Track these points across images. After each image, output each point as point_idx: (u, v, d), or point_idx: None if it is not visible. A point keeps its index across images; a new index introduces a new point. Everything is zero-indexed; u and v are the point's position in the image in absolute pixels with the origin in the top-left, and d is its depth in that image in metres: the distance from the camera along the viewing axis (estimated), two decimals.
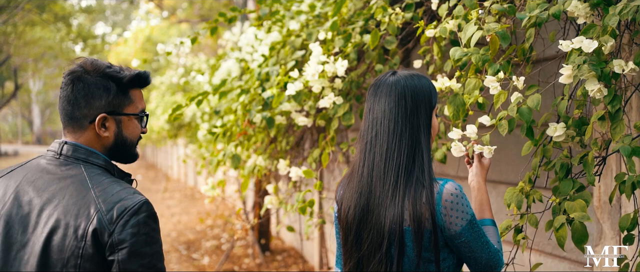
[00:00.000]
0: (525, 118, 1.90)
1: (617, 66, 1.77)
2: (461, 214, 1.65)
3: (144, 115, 1.82)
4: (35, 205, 1.64)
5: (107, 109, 1.73)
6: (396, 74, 1.77)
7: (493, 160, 3.38)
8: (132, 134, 1.79)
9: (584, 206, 1.76)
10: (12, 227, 1.64)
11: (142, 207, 1.61)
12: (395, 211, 1.66)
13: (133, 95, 1.78)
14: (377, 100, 1.75)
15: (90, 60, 1.75)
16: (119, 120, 1.76)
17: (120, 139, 1.77)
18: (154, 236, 1.63)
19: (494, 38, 2.04)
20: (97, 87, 1.72)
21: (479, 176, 1.91)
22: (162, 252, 1.65)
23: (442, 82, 2.22)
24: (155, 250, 1.62)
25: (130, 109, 1.78)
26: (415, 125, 1.71)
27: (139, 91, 1.81)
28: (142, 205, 1.62)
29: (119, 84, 1.74)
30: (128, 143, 1.79)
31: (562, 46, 1.85)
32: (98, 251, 1.58)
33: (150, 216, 1.62)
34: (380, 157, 1.71)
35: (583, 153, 1.88)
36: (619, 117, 1.79)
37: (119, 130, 1.76)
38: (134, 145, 1.82)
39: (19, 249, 1.63)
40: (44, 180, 1.68)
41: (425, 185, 1.66)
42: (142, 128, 1.83)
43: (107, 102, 1.73)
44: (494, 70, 2.03)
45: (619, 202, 2.25)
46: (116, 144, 1.77)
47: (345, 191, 1.81)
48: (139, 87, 1.81)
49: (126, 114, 1.76)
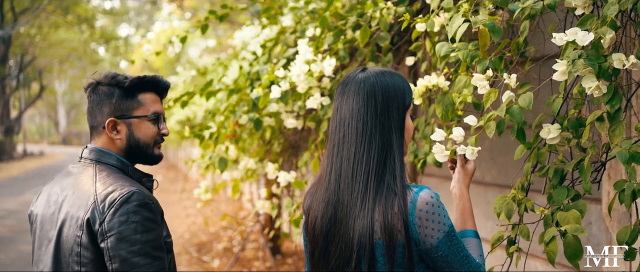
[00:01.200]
0: (516, 119, 1.72)
1: (617, 61, 1.58)
2: (438, 225, 1.48)
3: (155, 116, 1.91)
4: (58, 203, 1.82)
5: (116, 113, 1.87)
6: (366, 71, 1.61)
7: (494, 163, 3.19)
8: (145, 136, 1.90)
9: (579, 217, 1.58)
10: (44, 226, 1.84)
11: (133, 196, 1.71)
12: (364, 222, 1.50)
13: (143, 98, 1.90)
14: (344, 99, 1.59)
15: (105, 72, 1.93)
16: (130, 123, 1.88)
17: (133, 141, 1.89)
18: (146, 225, 1.71)
19: (483, 31, 1.86)
20: (105, 95, 1.88)
21: (461, 182, 1.73)
22: (161, 242, 1.73)
23: (429, 80, 2.04)
24: (148, 238, 1.69)
25: (140, 111, 1.89)
26: (386, 126, 1.54)
27: (151, 95, 1.93)
28: (133, 194, 1.72)
29: (123, 89, 1.88)
30: (141, 144, 1.89)
31: (555, 39, 1.67)
32: (92, 239, 1.71)
33: (142, 205, 1.71)
34: (348, 161, 1.55)
35: (579, 158, 1.69)
36: (619, 117, 1.60)
37: (130, 132, 1.88)
38: (149, 146, 1.91)
39: (46, 244, 1.81)
40: (66, 180, 1.87)
41: (398, 193, 1.49)
42: (161, 130, 1.93)
43: (115, 107, 1.87)
44: (482, 67, 1.85)
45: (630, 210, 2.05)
46: (130, 146, 1.89)
47: (312, 199, 1.65)
48: (150, 90, 1.92)
49: (135, 116, 1.88)
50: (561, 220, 1.59)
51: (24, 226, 10.33)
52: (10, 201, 13.85)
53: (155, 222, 1.74)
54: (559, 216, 1.60)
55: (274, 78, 2.67)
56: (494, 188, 3.34)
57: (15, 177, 20.48)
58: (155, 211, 1.76)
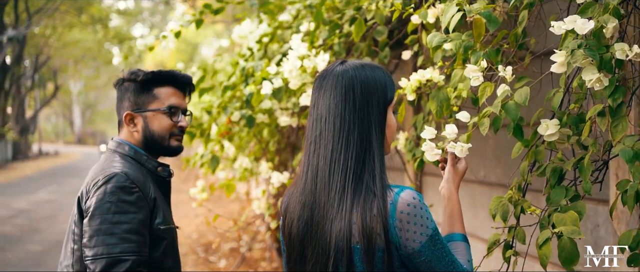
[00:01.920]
0: (511, 116, 1.60)
1: (620, 51, 1.47)
2: (420, 228, 1.37)
3: (169, 109, 1.98)
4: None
5: (132, 107, 1.99)
6: (345, 64, 1.51)
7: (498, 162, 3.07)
8: (160, 128, 1.98)
9: (577, 219, 1.46)
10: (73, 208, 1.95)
11: (113, 178, 1.80)
12: (341, 224, 1.40)
13: (158, 92, 2.00)
14: (322, 94, 1.49)
15: (129, 69, 2.05)
16: (145, 116, 1.98)
17: (148, 133, 1.98)
18: (121, 206, 1.77)
19: (478, 21, 1.74)
20: (126, 90, 2.01)
21: (450, 182, 1.62)
22: (136, 226, 1.77)
23: (422, 74, 1.94)
24: (119, 219, 1.76)
25: (155, 105, 1.99)
26: (365, 122, 1.44)
27: (168, 88, 2.01)
28: (114, 176, 1.81)
29: (137, 84, 1.99)
30: (156, 137, 1.98)
31: (553, 28, 1.56)
32: (80, 216, 1.87)
33: (120, 187, 1.79)
34: (325, 160, 1.44)
35: (580, 156, 1.58)
36: (622, 112, 1.48)
37: (145, 125, 1.98)
38: (164, 138, 2.00)
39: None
40: (92, 168, 1.99)
41: (377, 193, 1.39)
42: (177, 123, 2.01)
43: (132, 101, 1.99)
44: (476, 59, 1.74)
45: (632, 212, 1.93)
46: (145, 138, 1.99)
47: (289, 201, 1.55)
48: (167, 84, 2.01)
49: (150, 109, 1.98)
50: (557, 222, 1.47)
51: (34, 225, 10.35)
52: (22, 200, 13.90)
53: (133, 205, 1.80)
54: (555, 218, 1.49)
55: (266, 74, 2.57)
56: (498, 188, 3.21)
57: (28, 177, 20.61)
58: (138, 196, 1.82)
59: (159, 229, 1.89)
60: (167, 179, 2.04)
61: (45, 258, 7.70)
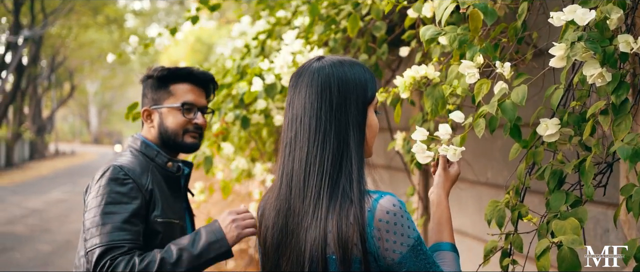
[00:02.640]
0: (508, 116, 1.49)
1: (624, 43, 1.35)
2: (401, 237, 1.26)
3: (183, 106, 1.97)
4: None
5: (150, 104, 2.02)
6: (322, 60, 1.41)
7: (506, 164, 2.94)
8: (173, 125, 1.98)
9: (577, 227, 1.34)
10: None
11: (108, 171, 1.82)
12: (316, 233, 1.29)
13: (174, 89, 2.00)
14: (297, 93, 1.39)
15: (153, 66, 2.06)
16: (160, 112, 1.99)
17: (163, 129, 1.99)
18: (113, 197, 1.78)
19: (474, 13, 1.63)
20: (145, 87, 2.05)
21: (440, 188, 1.51)
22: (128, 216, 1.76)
23: (416, 70, 1.83)
24: (112, 211, 1.75)
25: (170, 101, 1.99)
26: (342, 122, 1.34)
27: (185, 85, 2.01)
28: (108, 169, 1.83)
29: (155, 80, 2.01)
30: (170, 133, 1.98)
31: (552, 19, 1.44)
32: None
33: (113, 178, 1.81)
34: (300, 163, 1.34)
35: (582, 157, 1.46)
36: (625, 110, 1.36)
37: (160, 121, 1.99)
38: (178, 135, 1.99)
39: None
40: None
41: (354, 199, 1.28)
42: (192, 120, 1.99)
43: (149, 98, 2.02)
44: (472, 53, 1.63)
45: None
46: (160, 134, 2.00)
47: (265, 207, 1.45)
48: (184, 81, 2.01)
49: (165, 106, 1.99)
50: (557, 230, 1.35)
51: (45, 225, 10.36)
52: (35, 200, 13.96)
53: (126, 196, 1.80)
54: (554, 225, 1.37)
55: (258, 70, 2.48)
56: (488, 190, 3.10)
57: (44, 177, 20.74)
58: (131, 186, 1.81)
59: (155, 222, 1.87)
60: (176, 175, 2.02)
61: (54, 258, 7.67)
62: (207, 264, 1.75)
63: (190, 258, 1.71)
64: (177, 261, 1.70)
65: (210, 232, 1.76)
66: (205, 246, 1.73)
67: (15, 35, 19.69)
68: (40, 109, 29.85)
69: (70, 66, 31.53)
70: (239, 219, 1.79)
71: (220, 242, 1.74)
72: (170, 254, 1.71)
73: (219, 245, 1.73)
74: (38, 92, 28.71)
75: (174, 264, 1.69)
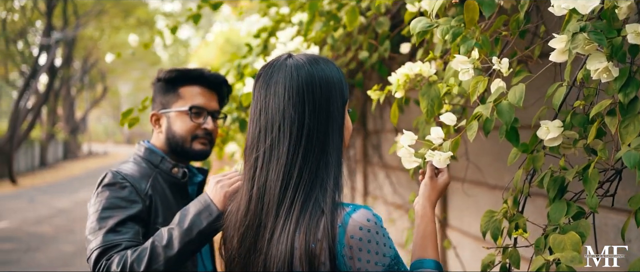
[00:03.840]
0: (504, 118, 1.33)
1: (633, 34, 1.18)
2: (375, 256, 1.12)
3: (191, 110, 1.86)
4: None
5: (159, 107, 1.92)
6: (294, 58, 1.27)
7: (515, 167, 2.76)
8: (181, 129, 1.87)
9: (578, 243, 1.18)
10: None
11: (105, 177, 1.75)
12: (283, 248, 1.16)
13: (184, 92, 1.89)
14: (271, 94, 1.23)
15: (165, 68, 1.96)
16: (169, 116, 1.89)
17: (170, 134, 1.88)
18: (111, 202, 1.69)
19: (470, 3, 1.48)
20: (155, 90, 1.95)
21: (425, 198, 1.36)
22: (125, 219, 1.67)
23: (410, 67, 1.68)
24: (109, 215, 1.66)
25: (178, 104, 1.88)
26: (324, 127, 1.21)
27: (196, 88, 1.90)
28: (106, 175, 1.76)
29: (163, 83, 1.92)
30: (178, 138, 1.87)
31: (553, 8, 1.28)
32: None
33: (109, 184, 1.73)
34: (277, 176, 1.20)
35: (585, 164, 1.29)
36: (635, 110, 1.19)
37: (168, 125, 1.89)
38: (185, 140, 1.88)
39: None
40: None
41: (325, 211, 1.14)
42: (201, 125, 1.88)
43: (158, 102, 1.92)
44: (467, 48, 1.47)
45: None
46: (167, 139, 1.89)
47: (229, 224, 1.32)
48: (194, 84, 1.90)
49: (173, 110, 1.88)
50: (555, 245, 1.20)
51: (71, 225, 10.44)
52: (64, 200, 14.13)
53: (124, 200, 1.71)
54: (552, 240, 1.21)
55: (254, 71, 2.35)
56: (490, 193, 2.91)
57: (75, 177, 21.05)
58: (129, 191, 1.73)
59: (157, 229, 1.76)
60: (182, 181, 1.90)
61: (75, 260, 7.69)
62: (204, 237, 1.60)
63: (181, 234, 1.57)
64: (169, 241, 1.57)
65: (198, 202, 1.63)
66: (194, 217, 1.59)
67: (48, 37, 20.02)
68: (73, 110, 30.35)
69: (102, 68, 31.98)
70: (224, 180, 1.65)
71: (208, 209, 1.60)
72: (161, 236, 1.59)
73: (208, 212, 1.59)
74: (71, 94, 29.20)
75: (166, 247, 1.56)
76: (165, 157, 1.89)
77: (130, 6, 25.68)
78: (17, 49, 23.07)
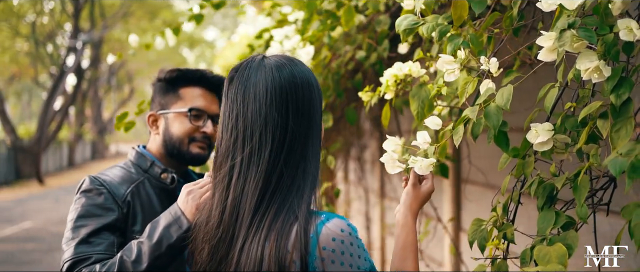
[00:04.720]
0: (492, 122, 1.25)
1: (625, 30, 1.09)
2: (348, 269, 1.06)
3: (191, 112, 1.79)
4: None
5: (157, 108, 1.84)
6: (270, 58, 1.21)
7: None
8: (179, 131, 1.79)
9: (564, 255, 1.09)
10: None
11: (83, 182, 1.70)
12: (254, 254, 1.09)
13: (184, 93, 1.82)
14: (250, 97, 1.15)
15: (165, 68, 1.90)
16: (167, 118, 1.81)
17: (167, 137, 1.80)
18: (86, 209, 1.63)
19: (459, 1, 1.40)
20: (154, 91, 1.87)
21: (406, 207, 1.28)
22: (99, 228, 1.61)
23: (399, 68, 1.61)
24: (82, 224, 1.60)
25: (177, 106, 1.81)
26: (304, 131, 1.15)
27: (196, 89, 1.83)
28: (84, 181, 1.70)
29: (163, 83, 1.84)
30: (174, 140, 1.80)
31: (541, 4, 1.20)
32: None
33: (86, 190, 1.67)
34: (256, 186, 1.12)
35: (577, 170, 1.20)
36: (627, 113, 1.10)
37: (166, 127, 1.81)
38: (182, 143, 1.80)
39: None
40: None
41: (299, 217, 1.08)
42: (200, 127, 1.80)
43: (156, 102, 1.85)
44: (454, 47, 1.39)
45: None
46: (164, 142, 1.81)
47: (197, 236, 1.25)
48: (195, 85, 1.83)
49: (172, 111, 1.81)
50: (539, 258, 1.11)
51: None
52: None
53: (99, 208, 1.65)
54: (537, 252, 1.13)
55: None
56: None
57: None
58: (105, 197, 1.66)
59: (133, 238, 1.64)
60: (170, 187, 1.81)
61: None
62: (175, 250, 1.48)
63: (150, 248, 1.47)
64: (138, 256, 1.47)
65: (168, 213, 1.51)
66: (164, 230, 1.47)
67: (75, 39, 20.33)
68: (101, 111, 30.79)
69: (130, 69, 32.38)
70: (195, 190, 1.51)
71: (178, 222, 1.46)
72: (131, 250, 1.49)
73: (177, 225, 1.46)
74: (99, 95, 29.62)
75: (134, 262, 1.46)
76: (156, 161, 1.82)
77: (156, 7, 25.96)
78: (46, 51, 23.46)
